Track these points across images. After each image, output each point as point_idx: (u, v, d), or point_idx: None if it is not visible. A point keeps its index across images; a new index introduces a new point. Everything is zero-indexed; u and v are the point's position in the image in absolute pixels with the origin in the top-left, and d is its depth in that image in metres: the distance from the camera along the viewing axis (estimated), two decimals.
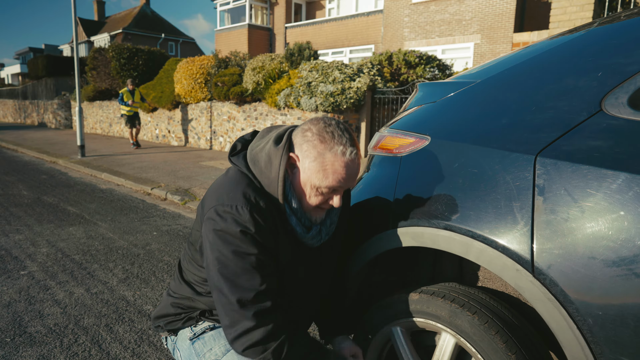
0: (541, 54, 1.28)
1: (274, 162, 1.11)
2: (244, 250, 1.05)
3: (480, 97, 1.32)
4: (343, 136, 1.09)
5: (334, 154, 1.08)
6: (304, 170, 1.11)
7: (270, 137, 1.16)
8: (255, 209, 1.06)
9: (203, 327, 1.26)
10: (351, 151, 1.09)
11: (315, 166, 1.09)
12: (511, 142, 1.13)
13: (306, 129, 1.12)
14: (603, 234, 0.93)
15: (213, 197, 1.12)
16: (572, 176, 1.00)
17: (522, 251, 1.03)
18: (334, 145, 1.08)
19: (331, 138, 1.09)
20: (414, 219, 1.26)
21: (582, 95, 1.09)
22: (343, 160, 1.09)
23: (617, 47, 1.12)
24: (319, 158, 1.09)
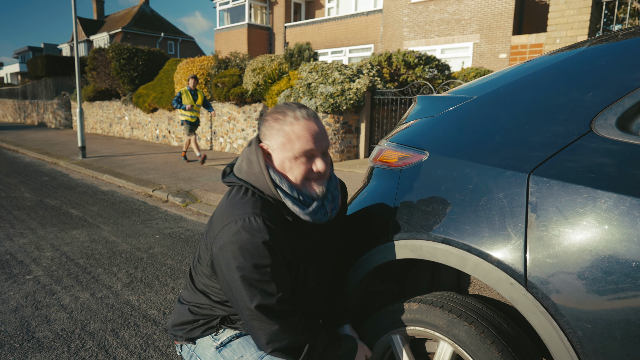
0: (535, 73, 1.33)
1: (252, 159, 1.21)
2: (262, 262, 1.10)
3: (476, 113, 1.37)
4: (291, 106, 1.20)
5: (289, 124, 1.18)
6: (275, 151, 1.20)
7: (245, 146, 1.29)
8: (267, 217, 1.12)
9: (228, 335, 1.29)
10: (302, 113, 1.19)
11: (280, 141, 1.18)
12: (505, 159, 1.18)
13: (266, 119, 1.23)
14: (592, 251, 0.98)
15: (222, 218, 1.17)
16: (563, 194, 1.05)
17: (515, 265, 1.08)
18: (286, 117, 1.18)
19: (283, 113, 1.19)
20: (412, 231, 1.31)
21: (574, 116, 1.14)
22: (299, 123, 1.17)
23: (607, 69, 1.17)
24: (280, 133, 1.18)
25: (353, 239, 1.50)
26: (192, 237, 4.15)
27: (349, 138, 8.62)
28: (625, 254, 0.93)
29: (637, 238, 0.93)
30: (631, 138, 1.03)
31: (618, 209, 0.96)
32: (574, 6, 5.13)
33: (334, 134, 8.40)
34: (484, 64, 13.87)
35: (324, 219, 1.24)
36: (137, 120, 13.75)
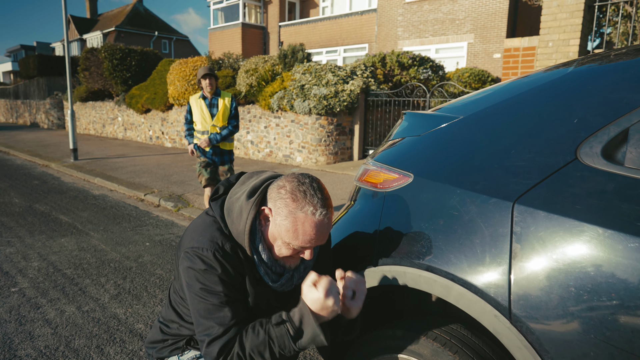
0: (520, 94, 1.30)
1: (243, 215, 1.16)
2: (211, 288, 1.14)
3: (460, 135, 1.34)
4: (315, 196, 1.12)
5: (304, 214, 1.10)
6: (275, 225, 1.15)
7: (247, 187, 1.21)
8: (220, 252, 1.14)
9: (189, 356, 1.34)
10: (321, 212, 1.12)
11: (286, 224, 1.12)
12: (490, 186, 1.15)
13: (281, 185, 1.15)
14: (577, 285, 0.95)
15: (187, 239, 1.21)
16: (548, 225, 1.02)
17: (500, 297, 1.05)
18: (305, 204, 1.11)
19: (303, 197, 1.11)
20: (396, 257, 1.28)
21: (559, 142, 1.11)
22: (313, 220, 1.11)
23: (593, 93, 1.15)
24: (290, 217, 1.11)
25: (337, 261, 1.47)
26: None
27: (342, 140, 8.59)
28: (611, 290, 0.91)
29: (623, 274, 0.90)
30: (616, 168, 1.00)
31: (603, 243, 0.93)
32: (567, 10, 5.12)
33: (327, 135, 8.36)
34: (478, 64, 13.88)
35: (287, 289, 1.26)
36: (130, 121, 13.65)
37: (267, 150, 9.40)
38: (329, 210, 1.14)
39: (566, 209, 1.01)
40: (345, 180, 7.11)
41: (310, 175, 1.18)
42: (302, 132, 8.56)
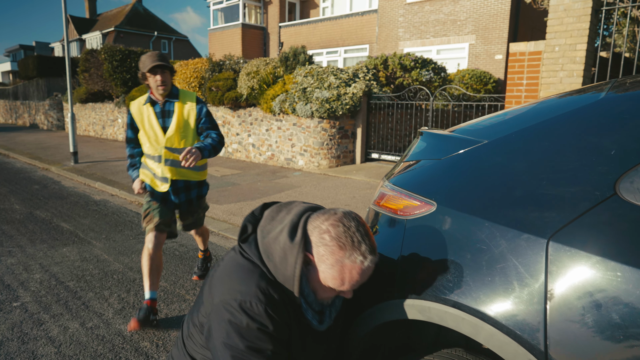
0: (551, 120, 1.24)
1: (290, 260, 1.07)
2: (258, 346, 1.04)
3: (487, 162, 1.28)
4: (363, 243, 1.07)
5: (352, 262, 1.06)
6: (320, 272, 1.09)
7: (284, 226, 1.12)
8: (271, 306, 1.05)
9: None
10: (370, 259, 1.08)
11: (332, 272, 1.07)
12: (521, 219, 1.09)
13: (324, 230, 1.08)
14: (617, 332, 0.90)
15: (225, 286, 1.09)
16: (587, 266, 0.96)
17: (535, 341, 1.00)
18: (352, 252, 1.05)
19: (351, 245, 1.05)
20: (420, 291, 1.22)
21: (595, 175, 1.06)
22: (361, 268, 1.07)
23: (630, 122, 1.09)
24: (336, 265, 1.06)
25: (357, 290, 1.41)
26: (187, 253, 4.05)
27: (345, 143, 8.53)
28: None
29: None
30: None
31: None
32: (573, 14, 5.06)
33: (329, 139, 8.30)
34: (480, 65, 13.82)
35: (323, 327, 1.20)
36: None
37: (268, 153, 9.34)
38: (376, 255, 1.10)
39: (606, 249, 0.95)
40: (349, 184, 7.05)
41: (356, 218, 1.11)
42: (304, 135, 8.50)
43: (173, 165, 2.67)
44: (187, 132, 2.67)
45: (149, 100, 2.64)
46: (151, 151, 2.69)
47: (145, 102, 2.64)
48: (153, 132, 2.64)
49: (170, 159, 2.66)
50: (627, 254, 0.93)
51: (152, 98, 2.64)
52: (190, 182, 2.80)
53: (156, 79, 2.55)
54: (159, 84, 2.55)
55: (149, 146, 2.69)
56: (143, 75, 2.58)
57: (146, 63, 2.53)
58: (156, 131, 2.63)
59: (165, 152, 2.64)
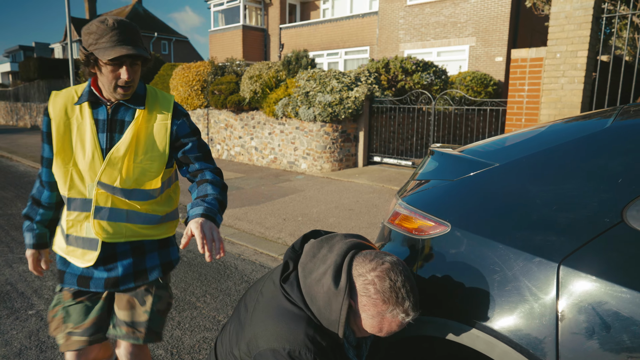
0: (562, 145, 1.31)
1: (334, 307, 1.09)
2: None
3: (500, 185, 1.34)
4: (407, 299, 1.08)
5: (393, 317, 1.09)
6: (362, 319, 1.13)
7: (327, 267, 1.13)
8: (320, 354, 1.08)
9: None
10: (412, 316, 1.10)
11: (372, 322, 1.11)
12: (534, 243, 1.16)
13: (369, 281, 1.09)
14: (625, 352, 0.96)
15: (270, 332, 1.11)
16: (596, 290, 1.03)
17: (547, 358, 1.06)
18: (395, 308, 1.08)
19: (395, 301, 1.08)
20: (435, 309, 1.29)
21: (604, 202, 1.12)
22: (401, 322, 1.10)
23: (637, 151, 1.15)
24: (377, 317, 1.10)
25: None
26: (194, 259, 4.11)
27: (347, 147, 8.60)
28: None
29: None
30: None
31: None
32: (574, 21, 5.13)
33: (332, 142, 8.37)
34: (480, 67, 13.89)
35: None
36: None
37: (271, 156, 9.40)
38: (418, 311, 1.11)
39: (613, 274, 1.02)
40: (352, 188, 7.12)
41: (403, 271, 1.11)
42: (307, 139, 8.56)
43: (112, 219, 1.49)
44: (152, 161, 1.50)
45: (88, 98, 1.44)
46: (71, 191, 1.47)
47: (79, 100, 1.45)
48: (83, 154, 1.44)
49: (106, 207, 1.48)
50: (634, 278, 0.99)
51: (97, 95, 1.45)
52: (143, 243, 1.58)
53: (118, 74, 1.37)
54: (123, 84, 1.39)
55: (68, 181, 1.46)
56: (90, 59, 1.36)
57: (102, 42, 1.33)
58: (89, 152, 1.44)
59: (98, 193, 1.46)
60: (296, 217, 5.49)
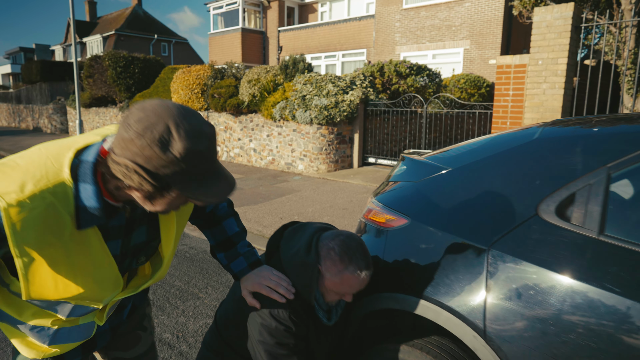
0: (498, 154, 1.61)
1: (307, 272, 1.40)
2: (284, 342, 1.39)
3: (448, 186, 1.64)
4: (360, 259, 1.38)
5: (350, 273, 1.38)
6: (327, 280, 1.41)
7: (302, 244, 1.44)
8: (294, 312, 1.39)
9: None
10: (365, 273, 1.39)
11: (336, 280, 1.40)
12: (471, 232, 1.46)
13: (331, 247, 1.40)
14: (533, 315, 1.26)
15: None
16: (514, 268, 1.32)
17: (478, 322, 1.36)
18: (350, 265, 1.37)
19: (350, 260, 1.37)
20: (396, 286, 1.58)
21: (524, 199, 1.42)
22: (358, 278, 1.39)
23: (550, 159, 1.45)
24: (338, 275, 1.39)
25: None
26: (196, 255, 4.40)
27: (342, 148, 8.89)
28: (558, 319, 1.22)
29: (569, 308, 1.21)
30: (565, 224, 1.31)
31: (556, 285, 1.24)
32: (555, 30, 5.43)
33: (328, 144, 8.66)
34: (474, 70, 14.19)
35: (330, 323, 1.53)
36: None
37: (269, 158, 9.70)
38: (370, 269, 1.41)
39: (528, 255, 1.32)
40: (346, 188, 7.41)
41: (356, 239, 1.42)
42: (304, 141, 8.86)
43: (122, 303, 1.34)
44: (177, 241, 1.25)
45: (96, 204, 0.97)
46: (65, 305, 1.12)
47: (83, 225, 0.98)
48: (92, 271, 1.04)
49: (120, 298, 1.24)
50: (542, 259, 1.29)
51: (109, 202, 1.00)
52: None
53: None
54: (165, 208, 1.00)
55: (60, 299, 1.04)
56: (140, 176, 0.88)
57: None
58: (105, 267, 1.07)
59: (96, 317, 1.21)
60: (292, 216, 5.78)
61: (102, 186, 0.97)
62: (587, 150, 1.38)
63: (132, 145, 0.86)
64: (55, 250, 0.95)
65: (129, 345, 1.46)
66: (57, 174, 0.94)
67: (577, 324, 1.18)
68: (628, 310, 1.12)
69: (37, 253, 0.93)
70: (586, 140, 1.42)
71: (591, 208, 1.28)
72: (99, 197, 0.96)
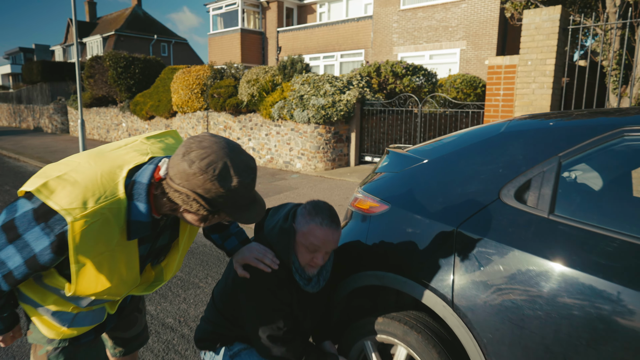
0: (469, 146, 1.79)
1: (285, 236, 1.61)
2: (270, 306, 1.59)
3: (424, 175, 1.83)
4: (324, 215, 1.58)
5: (316, 223, 1.57)
6: (297, 234, 1.61)
7: (281, 216, 1.66)
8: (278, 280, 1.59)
9: (239, 347, 1.76)
10: (329, 224, 1.57)
11: (303, 230, 1.59)
12: (442, 215, 1.64)
13: (304, 206, 1.63)
14: (494, 285, 1.44)
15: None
16: (477, 245, 1.51)
17: (447, 294, 1.54)
18: (316, 217, 1.58)
19: (315, 213, 1.59)
20: (378, 264, 1.77)
21: (489, 185, 1.60)
22: (322, 229, 1.57)
23: (511, 150, 1.64)
24: (306, 225, 1.59)
25: (335, 267, 1.95)
26: (197, 248, 4.58)
27: (339, 147, 9.07)
28: (514, 288, 1.40)
29: (523, 278, 1.39)
30: (522, 206, 1.49)
31: (513, 257, 1.42)
32: (543, 32, 5.62)
33: (325, 143, 8.85)
34: (471, 70, 14.38)
35: (315, 290, 1.70)
36: (134, 127, 14.10)
37: (268, 156, 9.88)
38: (334, 223, 1.58)
39: (490, 234, 1.50)
40: (343, 186, 7.60)
41: (325, 204, 1.63)
42: (302, 140, 9.04)
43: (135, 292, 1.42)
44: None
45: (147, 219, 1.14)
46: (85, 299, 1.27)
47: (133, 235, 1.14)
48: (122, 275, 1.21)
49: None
50: (502, 236, 1.47)
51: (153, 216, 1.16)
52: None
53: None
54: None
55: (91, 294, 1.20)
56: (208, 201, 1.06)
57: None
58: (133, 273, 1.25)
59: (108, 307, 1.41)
60: None
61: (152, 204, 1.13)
62: (543, 141, 1.57)
63: (194, 179, 1.02)
64: (103, 257, 1.12)
65: (129, 326, 1.67)
66: (113, 192, 1.09)
67: (529, 291, 1.37)
68: (572, 277, 1.30)
69: (89, 260, 1.09)
70: (542, 133, 1.61)
71: (544, 192, 1.46)
72: (150, 214, 1.13)
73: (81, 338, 1.39)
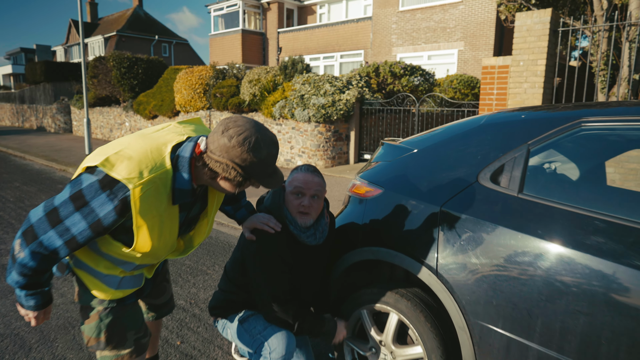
0: (453, 137, 2.02)
1: (276, 196, 1.91)
2: (274, 263, 1.83)
3: (414, 162, 2.06)
4: (304, 166, 1.91)
5: (297, 172, 1.89)
6: (286, 191, 1.91)
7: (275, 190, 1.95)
8: (280, 240, 1.84)
9: (247, 314, 2.00)
10: (306, 169, 1.89)
11: (289, 181, 1.90)
12: (428, 197, 1.87)
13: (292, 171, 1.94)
14: (471, 255, 1.68)
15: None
16: (458, 222, 1.74)
17: (432, 264, 1.77)
18: (298, 169, 1.91)
19: (297, 167, 1.91)
20: (374, 242, 2.00)
21: (469, 169, 1.84)
22: (303, 174, 1.88)
23: (489, 140, 1.87)
24: (290, 176, 1.90)
25: (335, 245, 2.18)
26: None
27: (339, 145, 9.31)
28: (492, 258, 1.63)
29: (500, 249, 1.63)
30: (496, 187, 1.73)
31: (490, 231, 1.66)
32: (534, 34, 5.86)
33: (325, 141, 9.08)
34: (468, 71, 14.61)
35: (313, 242, 1.93)
36: (137, 127, 14.33)
37: None
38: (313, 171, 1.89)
39: (470, 211, 1.73)
40: (342, 182, 7.83)
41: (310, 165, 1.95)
42: (302, 138, 9.27)
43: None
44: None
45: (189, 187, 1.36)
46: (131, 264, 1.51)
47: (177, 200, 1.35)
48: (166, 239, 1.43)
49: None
50: (480, 213, 1.71)
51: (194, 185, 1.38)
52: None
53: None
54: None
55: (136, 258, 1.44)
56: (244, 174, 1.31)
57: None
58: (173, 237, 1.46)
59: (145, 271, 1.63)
60: None
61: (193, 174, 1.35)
62: (515, 131, 1.80)
63: (233, 151, 1.26)
64: (154, 220, 1.33)
65: (159, 293, 1.96)
66: (162, 164, 1.30)
67: (502, 257, 1.60)
68: (535, 245, 1.54)
69: (145, 221, 1.30)
70: (515, 125, 1.84)
71: (514, 174, 1.70)
72: (191, 182, 1.36)
73: (126, 300, 1.60)
